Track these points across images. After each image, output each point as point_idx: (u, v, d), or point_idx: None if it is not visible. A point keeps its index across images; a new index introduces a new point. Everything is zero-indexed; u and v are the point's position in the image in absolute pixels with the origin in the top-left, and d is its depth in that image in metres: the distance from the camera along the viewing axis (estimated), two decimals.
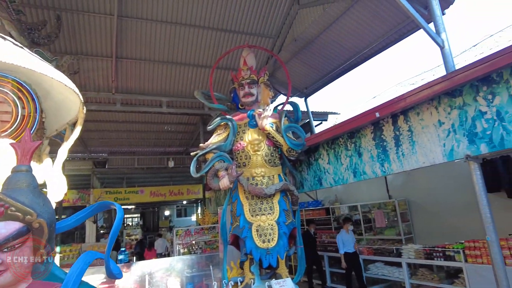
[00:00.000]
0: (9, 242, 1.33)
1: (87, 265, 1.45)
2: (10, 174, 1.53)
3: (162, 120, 10.74)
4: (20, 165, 1.52)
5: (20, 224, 1.36)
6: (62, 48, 6.65)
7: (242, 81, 5.56)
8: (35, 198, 1.43)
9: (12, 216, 1.35)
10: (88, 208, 1.66)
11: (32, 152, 1.53)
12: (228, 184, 4.80)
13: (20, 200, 1.37)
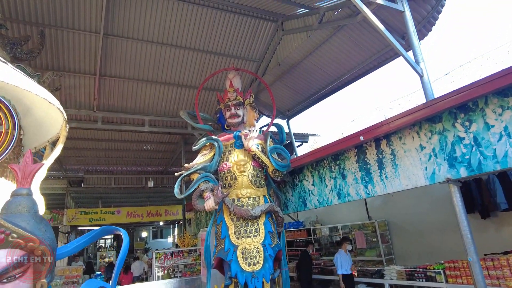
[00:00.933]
0: (9, 272, 1.24)
1: None
2: (9, 198, 1.46)
3: (142, 139, 10.56)
4: (21, 188, 1.46)
5: (22, 252, 1.28)
6: (44, 64, 6.51)
7: (228, 102, 5.63)
8: (36, 223, 1.36)
9: (13, 243, 1.27)
10: (90, 233, 1.61)
11: (33, 174, 1.49)
12: (214, 206, 4.75)
13: (21, 226, 1.30)
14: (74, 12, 5.94)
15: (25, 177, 1.47)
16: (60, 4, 5.78)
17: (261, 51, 7.63)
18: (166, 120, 8.51)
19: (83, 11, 5.95)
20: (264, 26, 7.13)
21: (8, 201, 1.44)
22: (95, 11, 5.98)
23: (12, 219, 1.30)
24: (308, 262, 7.66)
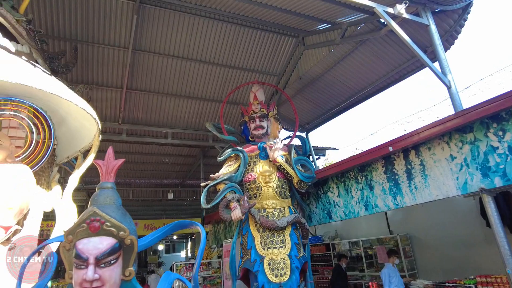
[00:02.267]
0: (106, 258, 1.33)
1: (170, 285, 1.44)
2: (96, 191, 1.55)
3: (162, 152, 10.73)
4: (106, 182, 1.55)
5: (114, 240, 1.36)
6: (75, 77, 6.78)
7: (253, 114, 5.74)
8: (122, 215, 1.45)
9: (106, 231, 1.35)
10: (165, 227, 1.67)
11: (116, 169, 1.58)
12: (241, 216, 4.78)
13: (112, 216, 1.39)
14: (105, 28, 6.22)
15: (109, 172, 1.56)
16: (93, 21, 6.07)
17: (282, 66, 7.79)
18: (188, 133, 8.68)
19: (114, 27, 6.23)
20: (285, 42, 7.31)
21: (96, 193, 1.53)
22: (125, 27, 6.25)
23: (103, 209, 1.39)
24: (342, 277, 7.31)
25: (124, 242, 1.39)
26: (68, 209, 4.13)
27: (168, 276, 1.49)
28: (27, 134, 4.04)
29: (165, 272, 1.53)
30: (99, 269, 1.34)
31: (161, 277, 1.48)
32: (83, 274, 1.31)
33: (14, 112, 3.99)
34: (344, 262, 7.61)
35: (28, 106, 4.04)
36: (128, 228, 1.40)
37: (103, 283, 1.33)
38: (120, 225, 1.38)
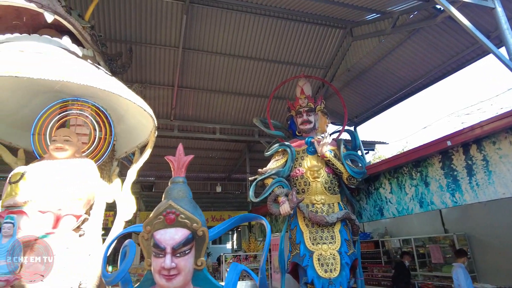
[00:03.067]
0: (181, 248, 1.43)
1: (238, 275, 1.52)
2: (169, 185, 1.67)
3: (210, 147, 11.06)
4: (178, 176, 1.66)
5: (188, 231, 1.46)
6: (130, 77, 7.20)
7: (300, 109, 5.70)
8: (194, 208, 1.55)
9: (181, 223, 1.45)
10: (230, 219, 1.76)
11: (187, 164, 1.68)
12: (289, 210, 4.80)
13: (186, 209, 1.49)
14: (157, 29, 6.52)
15: (180, 167, 1.67)
16: (145, 22, 6.39)
17: (329, 58, 7.63)
18: (235, 128, 8.86)
19: (165, 27, 6.50)
20: (332, 33, 7.14)
21: (169, 187, 1.64)
22: (175, 27, 6.50)
23: (177, 202, 1.49)
24: (406, 276, 6.94)
25: (197, 233, 1.48)
26: (127, 201, 4.41)
27: (236, 267, 1.57)
28: (91, 131, 4.39)
29: (232, 263, 1.60)
30: (175, 258, 1.43)
31: (228, 268, 1.56)
32: (161, 263, 1.41)
33: (80, 111, 4.35)
34: (407, 260, 7.20)
35: (91, 105, 4.38)
36: (200, 220, 1.49)
37: (179, 272, 1.43)
38: (193, 217, 1.47)
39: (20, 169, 3.60)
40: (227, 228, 1.72)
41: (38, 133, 4.17)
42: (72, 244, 3.38)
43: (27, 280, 2.99)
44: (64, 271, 3.17)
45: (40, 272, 3.09)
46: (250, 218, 1.76)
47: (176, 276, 1.42)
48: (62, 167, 3.68)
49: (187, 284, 1.50)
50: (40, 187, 3.45)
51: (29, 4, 3.27)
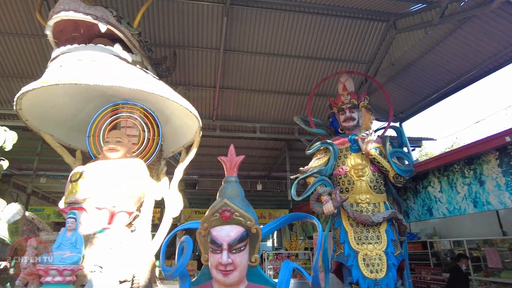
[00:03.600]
0: (236, 244, 1.49)
1: (291, 273, 1.56)
2: (223, 184, 1.74)
3: (250, 146, 11.20)
4: (230, 176, 1.73)
5: (242, 229, 1.52)
6: (174, 80, 7.49)
7: (342, 105, 5.59)
8: (247, 206, 1.61)
9: (236, 220, 1.51)
10: (280, 218, 1.80)
11: (238, 164, 1.75)
12: (333, 209, 4.73)
13: (239, 207, 1.55)
14: (199, 32, 6.72)
15: (232, 167, 1.74)
16: (188, 26, 6.61)
17: (371, 53, 7.39)
18: (275, 127, 8.90)
19: (206, 30, 6.69)
20: (374, 27, 6.91)
21: (223, 186, 1.72)
22: (216, 29, 6.66)
23: (232, 200, 1.56)
24: (462, 280, 6.34)
25: (251, 231, 1.53)
26: (175, 198, 4.61)
27: (288, 265, 1.60)
28: (140, 133, 4.64)
29: (285, 261, 1.64)
30: (231, 254, 1.50)
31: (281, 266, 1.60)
32: (218, 258, 1.49)
33: (130, 114, 4.61)
34: (464, 264, 6.59)
35: (140, 108, 4.63)
36: (253, 218, 1.54)
37: (235, 267, 1.49)
38: (247, 215, 1.53)
39: (79, 168, 3.91)
40: (279, 226, 1.76)
41: (93, 135, 4.49)
42: (125, 239, 3.60)
43: (88, 271, 3.24)
44: (119, 264, 3.39)
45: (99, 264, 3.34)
46: (301, 217, 1.79)
47: (233, 271, 1.49)
48: (115, 167, 3.93)
49: (242, 279, 1.56)
50: (96, 185, 3.72)
51: (86, 16, 3.53)
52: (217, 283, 1.57)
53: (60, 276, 2.96)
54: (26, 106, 3.98)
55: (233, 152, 1.76)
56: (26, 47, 6.99)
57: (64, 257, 3.00)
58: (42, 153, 9.31)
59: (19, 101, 3.84)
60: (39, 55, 7.10)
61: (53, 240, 3.34)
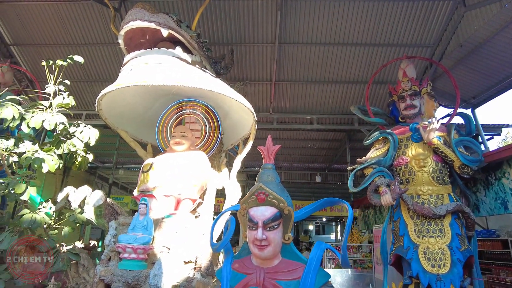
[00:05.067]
0: (270, 223, 1.71)
1: (322, 252, 1.70)
2: (260, 170, 1.95)
3: (308, 137, 11.19)
4: (267, 163, 1.93)
5: (276, 210, 1.73)
6: (232, 76, 7.84)
7: (402, 93, 5.35)
8: (281, 190, 1.80)
9: (270, 202, 1.73)
10: (315, 203, 1.95)
11: (274, 153, 1.93)
12: (391, 201, 4.61)
13: (274, 191, 1.75)
14: (254, 27, 6.92)
15: (269, 155, 1.93)
16: (243, 23, 6.86)
17: (436, 35, 6.89)
18: (333, 117, 8.80)
19: (261, 25, 6.86)
20: (440, 6, 6.43)
21: (260, 172, 1.93)
22: (271, 23, 6.80)
23: (267, 185, 1.76)
24: None
25: (284, 212, 1.72)
26: (234, 187, 4.91)
27: (320, 245, 1.74)
28: (202, 127, 5.03)
29: (317, 242, 1.77)
30: (266, 231, 1.70)
31: (314, 245, 1.74)
32: (254, 234, 1.71)
33: (192, 110, 5.01)
34: None
35: (201, 104, 5.01)
36: (286, 200, 1.72)
37: (269, 243, 1.70)
38: (280, 198, 1.72)
39: (149, 160, 4.40)
40: (312, 210, 1.90)
41: (161, 131, 4.99)
42: (190, 224, 3.98)
43: (158, 251, 3.67)
44: (184, 246, 3.78)
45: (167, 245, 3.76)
46: (333, 202, 1.90)
47: (267, 246, 1.69)
48: (181, 159, 4.35)
49: (276, 255, 1.75)
50: (164, 175, 4.16)
51: (150, 24, 3.94)
52: (254, 256, 1.79)
53: (134, 254, 3.42)
54: (105, 106, 4.57)
55: (270, 142, 1.95)
56: (104, 54, 7.90)
57: (138, 237, 3.45)
58: (120, 148, 10.45)
59: (99, 103, 4.44)
60: (115, 60, 7.96)
61: (128, 223, 3.85)
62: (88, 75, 8.41)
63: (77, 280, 4.17)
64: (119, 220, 3.99)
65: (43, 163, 3.52)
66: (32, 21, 7.33)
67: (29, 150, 3.66)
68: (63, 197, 4.23)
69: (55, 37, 7.63)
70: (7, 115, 3.01)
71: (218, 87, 4.21)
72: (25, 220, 3.50)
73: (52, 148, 3.78)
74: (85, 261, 4.18)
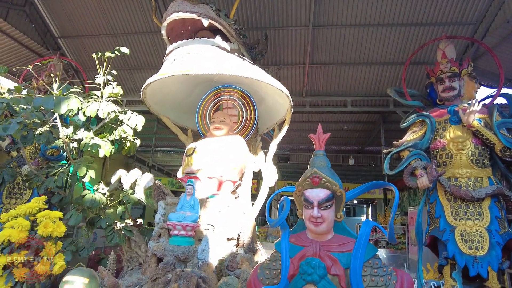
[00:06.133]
0: (324, 203, 1.93)
1: (370, 229, 1.89)
2: (312, 157, 2.14)
3: (341, 119, 11.14)
4: (318, 150, 2.12)
5: (329, 191, 1.93)
6: (266, 61, 7.92)
7: (441, 75, 5.24)
8: (333, 174, 2.01)
9: (324, 185, 1.94)
10: (362, 186, 2.13)
11: (325, 141, 2.11)
12: (428, 184, 4.63)
13: (326, 175, 1.95)
14: (288, 11, 6.93)
15: (320, 143, 2.11)
16: (277, 7, 6.88)
17: (479, 11, 6.56)
18: (367, 99, 8.70)
19: (295, 9, 6.86)
20: None
21: (312, 158, 2.14)
22: (304, 7, 6.77)
23: (320, 169, 1.95)
24: None
25: (336, 193, 1.92)
26: (270, 170, 5.12)
27: (368, 223, 1.93)
28: (239, 113, 5.24)
29: (365, 220, 1.97)
30: (321, 210, 1.94)
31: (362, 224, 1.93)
32: (310, 212, 1.95)
33: (230, 96, 5.22)
34: None
35: (238, 90, 5.21)
36: (338, 183, 1.92)
37: (324, 220, 1.93)
38: (333, 181, 1.93)
39: (192, 145, 4.69)
40: (360, 192, 2.08)
41: (200, 116, 5.26)
42: (231, 204, 4.26)
43: (203, 228, 3.99)
44: (227, 224, 4.07)
45: (211, 223, 4.06)
46: (381, 185, 2.08)
47: (322, 223, 1.92)
48: (220, 143, 4.61)
49: (329, 231, 1.99)
50: (207, 159, 4.44)
51: (192, 15, 4.13)
52: (310, 232, 2.03)
53: (183, 231, 3.75)
54: (148, 94, 4.88)
55: (320, 130, 2.13)
56: (143, 43, 8.23)
57: (186, 216, 3.76)
58: (157, 132, 10.95)
59: (144, 91, 4.74)
60: (153, 49, 8.28)
61: (175, 203, 4.18)
62: (128, 64, 8.82)
63: (130, 254, 4.61)
64: (167, 200, 4.34)
65: (99, 148, 3.88)
66: (76, 13, 7.75)
67: (86, 137, 4.03)
68: (116, 180, 4.63)
69: (97, 28, 8.04)
70: (73, 107, 3.35)
71: (256, 74, 4.37)
72: (86, 199, 3.92)
73: (106, 134, 4.14)
74: (137, 237, 4.60)
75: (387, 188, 9.76)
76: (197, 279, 3.18)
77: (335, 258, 1.87)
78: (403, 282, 1.79)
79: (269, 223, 2.16)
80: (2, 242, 2.47)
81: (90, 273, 2.56)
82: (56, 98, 3.34)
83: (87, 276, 2.47)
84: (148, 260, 3.95)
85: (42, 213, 2.65)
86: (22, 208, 2.68)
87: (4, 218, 2.67)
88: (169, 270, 3.45)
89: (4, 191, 5.37)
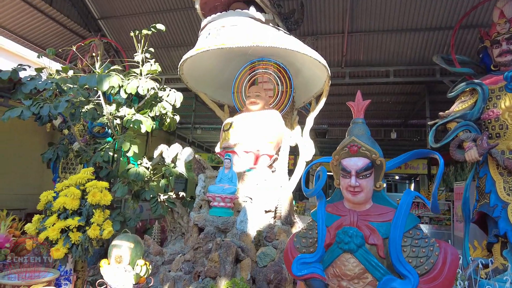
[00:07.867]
0: (363, 172, 1.88)
1: (412, 199, 1.82)
2: (351, 125, 2.08)
3: (382, 91, 10.61)
4: (357, 118, 2.05)
5: (368, 160, 1.88)
6: (302, 31, 7.65)
7: (497, 37, 4.76)
8: (373, 143, 1.94)
9: (362, 153, 1.89)
10: (405, 154, 2.06)
11: (364, 108, 2.03)
12: (477, 157, 4.34)
13: (366, 143, 1.89)
14: None
15: (359, 110, 2.04)
16: None
17: None
18: (411, 69, 8.17)
19: None
20: None
21: (351, 127, 2.09)
22: None
23: (359, 138, 1.90)
24: None
25: (375, 162, 1.85)
26: (307, 144, 5.06)
27: (409, 193, 1.86)
28: (275, 86, 5.16)
29: (407, 190, 1.89)
30: (359, 179, 1.88)
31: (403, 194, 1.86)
32: (348, 182, 1.90)
33: (265, 70, 5.15)
34: None
35: (273, 63, 5.11)
36: (378, 152, 1.84)
37: (362, 189, 1.88)
38: (372, 149, 1.86)
39: (229, 120, 4.73)
40: (403, 161, 2.00)
41: (236, 91, 5.26)
42: (268, 177, 4.29)
43: (242, 200, 4.08)
44: (264, 196, 4.13)
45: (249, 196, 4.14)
46: (424, 153, 1.98)
47: (360, 192, 1.87)
48: (256, 118, 4.60)
49: (368, 200, 1.94)
50: (243, 133, 4.48)
51: None
52: (347, 201, 1.98)
53: (223, 202, 3.86)
54: (186, 71, 4.94)
55: (359, 97, 2.05)
56: (178, 20, 8.28)
57: (225, 188, 3.86)
58: (196, 109, 11.17)
59: (181, 67, 4.80)
60: (188, 26, 8.32)
61: (214, 176, 4.29)
62: (165, 41, 8.96)
63: (173, 225, 4.86)
64: (206, 173, 4.47)
65: (141, 124, 4.04)
66: None
67: (128, 113, 4.20)
68: (158, 154, 4.83)
69: (134, 7, 8.19)
70: (114, 84, 3.49)
71: (292, 45, 4.25)
72: (131, 173, 4.13)
73: (147, 111, 4.29)
74: (179, 209, 4.81)
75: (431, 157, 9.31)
76: (237, 249, 3.29)
77: (373, 228, 1.82)
78: (447, 254, 1.70)
79: (305, 193, 2.16)
80: (58, 209, 2.71)
81: (135, 239, 2.73)
82: (98, 76, 3.49)
83: (132, 241, 2.65)
84: (190, 230, 4.14)
85: (90, 183, 2.85)
86: (73, 179, 2.89)
87: (59, 187, 2.91)
88: (209, 239, 3.60)
89: (60, 166, 5.83)
